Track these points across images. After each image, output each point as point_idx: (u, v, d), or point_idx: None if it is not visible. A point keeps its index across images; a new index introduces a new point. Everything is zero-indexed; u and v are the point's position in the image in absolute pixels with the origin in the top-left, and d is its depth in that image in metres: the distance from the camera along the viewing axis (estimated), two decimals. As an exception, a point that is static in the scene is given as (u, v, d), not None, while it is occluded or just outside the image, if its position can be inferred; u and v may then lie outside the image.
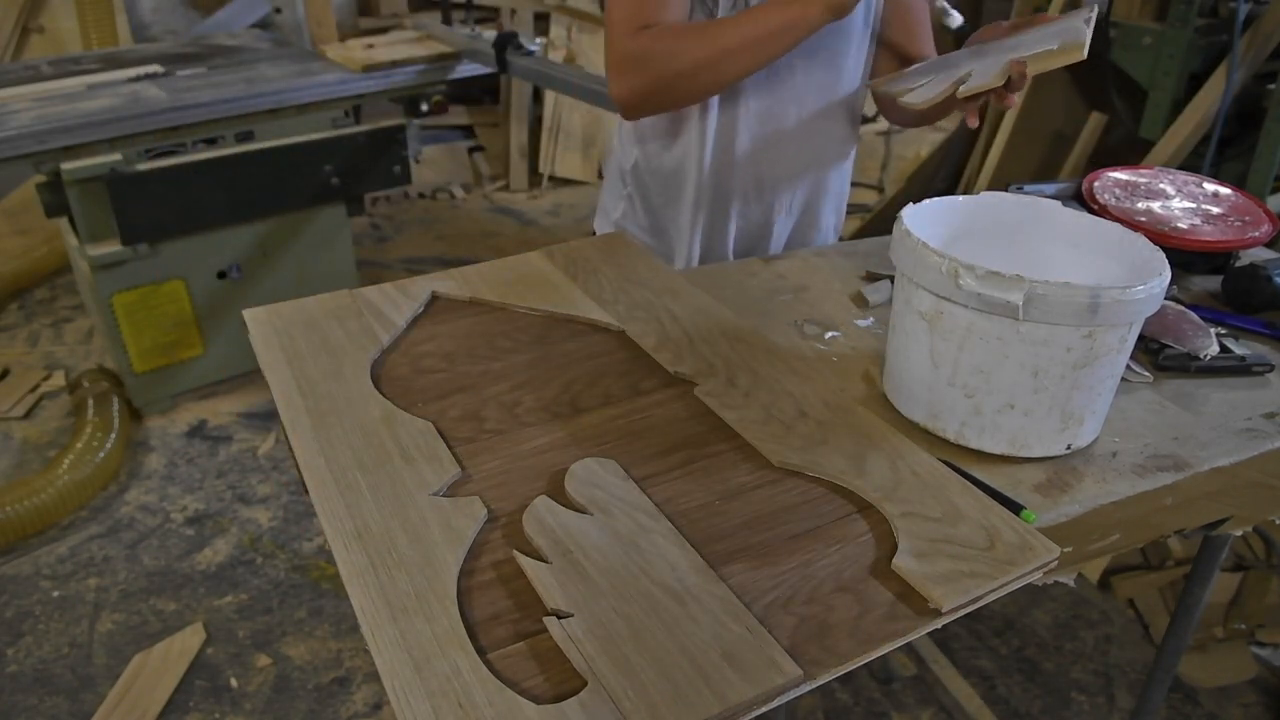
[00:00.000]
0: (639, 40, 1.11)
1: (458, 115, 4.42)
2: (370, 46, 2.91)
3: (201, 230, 2.45)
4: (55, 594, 2.00)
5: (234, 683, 1.81)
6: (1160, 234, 1.18)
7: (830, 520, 0.78)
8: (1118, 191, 1.29)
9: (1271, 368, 1.04)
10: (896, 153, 4.41)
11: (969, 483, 0.81)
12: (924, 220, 0.93)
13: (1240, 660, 1.85)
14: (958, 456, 0.88)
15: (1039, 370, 0.83)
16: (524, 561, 0.71)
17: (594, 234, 1.42)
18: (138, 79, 2.60)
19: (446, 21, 3.46)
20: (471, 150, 4.40)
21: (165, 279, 2.45)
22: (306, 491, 0.81)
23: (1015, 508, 0.79)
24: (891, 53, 1.32)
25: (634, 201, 1.37)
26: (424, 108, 2.88)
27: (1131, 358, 1.01)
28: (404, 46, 2.91)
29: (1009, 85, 1.01)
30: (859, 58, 1.29)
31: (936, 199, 0.97)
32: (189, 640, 1.88)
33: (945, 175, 2.87)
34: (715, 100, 1.23)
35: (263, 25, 3.71)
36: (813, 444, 0.86)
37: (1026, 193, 1.26)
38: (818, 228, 1.39)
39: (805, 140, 1.29)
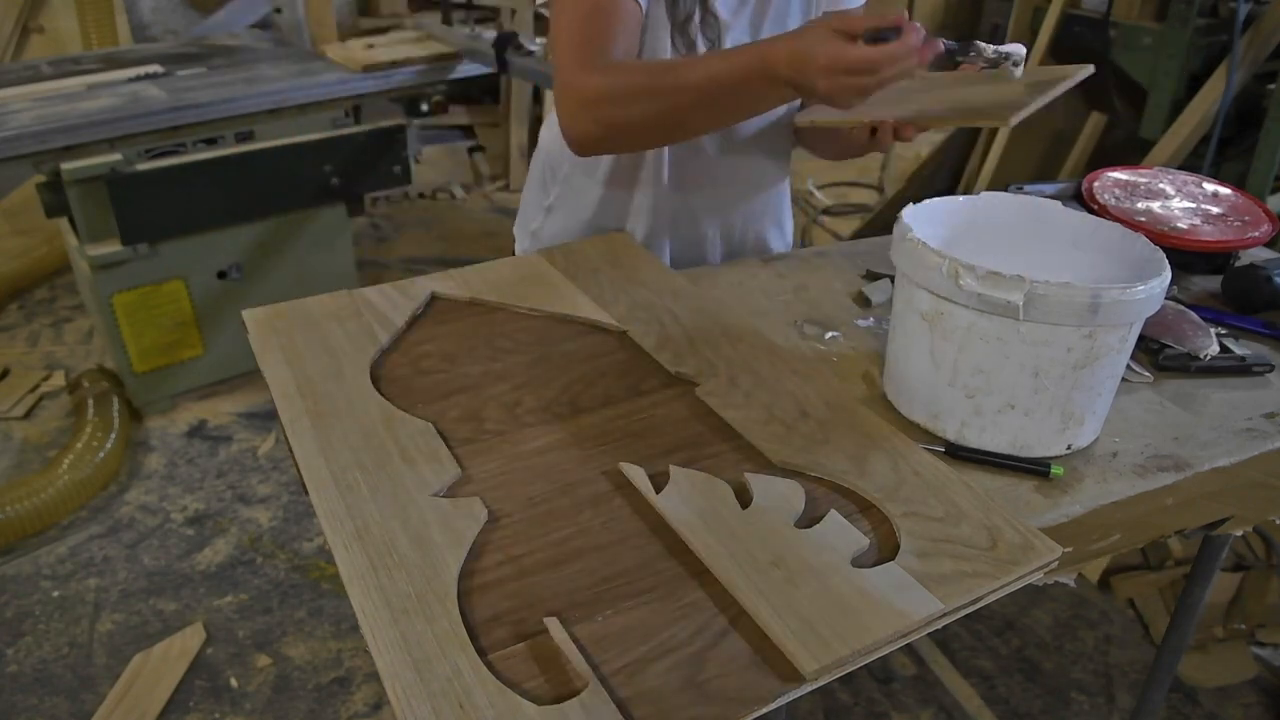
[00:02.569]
0: (590, 81, 1.00)
1: (457, 115, 4.41)
2: (370, 46, 2.92)
3: (201, 230, 2.45)
4: (55, 594, 2.00)
5: (234, 683, 1.81)
6: (1160, 234, 1.18)
7: (831, 521, 0.78)
8: (1118, 191, 1.29)
9: (1271, 368, 1.04)
10: (897, 152, 4.39)
11: (978, 473, 0.83)
12: (924, 220, 0.93)
13: (1240, 660, 1.85)
14: (958, 457, 0.89)
15: (1039, 370, 0.83)
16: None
17: (513, 253, 1.35)
18: (138, 79, 2.60)
19: (446, 21, 3.46)
20: (471, 150, 4.40)
21: (165, 279, 2.45)
22: (306, 491, 0.81)
23: (1045, 466, 0.84)
24: None
25: (555, 214, 1.31)
26: (424, 108, 2.88)
27: (1131, 358, 1.01)
28: (404, 46, 2.91)
29: (897, 131, 1.02)
30: None
31: (936, 199, 0.97)
32: (189, 640, 1.88)
33: (945, 175, 2.87)
34: None
35: (263, 25, 3.71)
36: (814, 444, 0.86)
37: (1026, 193, 1.25)
38: (758, 251, 1.35)
39: (732, 173, 1.26)
